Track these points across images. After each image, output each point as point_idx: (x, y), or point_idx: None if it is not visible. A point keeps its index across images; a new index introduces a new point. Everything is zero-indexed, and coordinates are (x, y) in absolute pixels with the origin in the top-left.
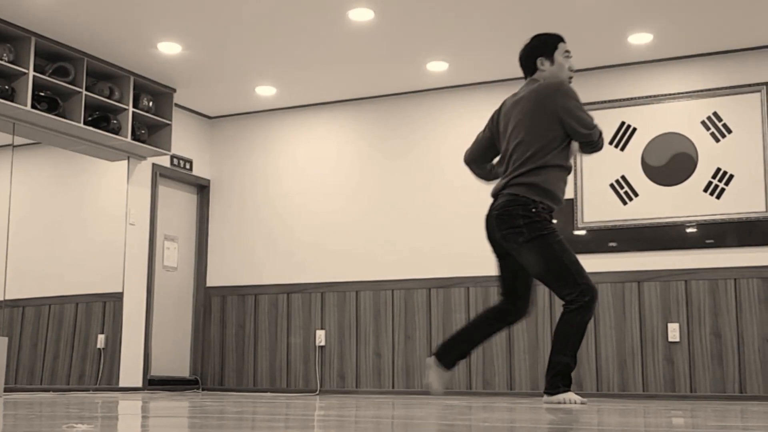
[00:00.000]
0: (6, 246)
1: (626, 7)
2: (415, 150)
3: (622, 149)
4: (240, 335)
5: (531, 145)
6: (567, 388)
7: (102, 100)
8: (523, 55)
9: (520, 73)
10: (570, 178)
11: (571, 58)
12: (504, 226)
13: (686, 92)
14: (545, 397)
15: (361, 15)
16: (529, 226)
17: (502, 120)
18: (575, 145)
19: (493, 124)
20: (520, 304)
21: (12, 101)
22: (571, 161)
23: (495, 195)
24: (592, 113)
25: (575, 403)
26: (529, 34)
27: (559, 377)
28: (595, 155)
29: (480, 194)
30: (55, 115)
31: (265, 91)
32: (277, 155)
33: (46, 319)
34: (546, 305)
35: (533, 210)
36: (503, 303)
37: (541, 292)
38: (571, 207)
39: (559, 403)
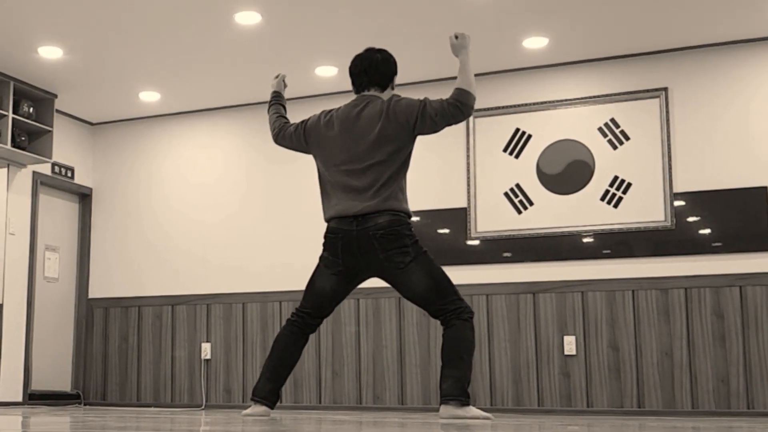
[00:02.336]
0: None
1: (521, 10)
2: (304, 157)
3: (517, 157)
4: (123, 348)
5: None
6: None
7: None
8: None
9: (416, 77)
10: (462, 186)
11: None
12: (391, 246)
13: (583, 98)
14: (451, 410)
15: (247, 18)
16: (414, 246)
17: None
18: None
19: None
20: (320, 321)
21: None
22: None
23: (361, 214)
24: (487, 119)
25: (481, 418)
26: (420, 38)
27: (466, 389)
28: None
29: None
30: None
31: (149, 97)
32: (161, 163)
33: None
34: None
35: (412, 229)
36: (309, 319)
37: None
38: (464, 216)
39: (474, 417)
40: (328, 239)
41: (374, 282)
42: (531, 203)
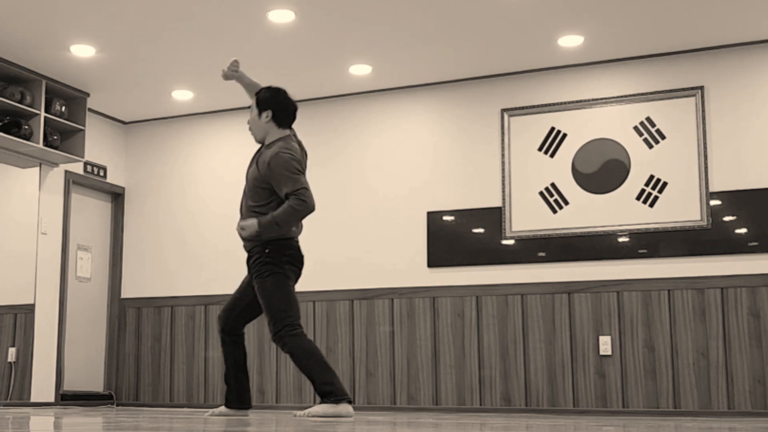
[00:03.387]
0: None
1: (556, 8)
2: (338, 157)
3: (552, 156)
4: (156, 348)
5: None
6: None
7: (13, 105)
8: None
9: (444, 77)
10: (497, 185)
11: None
12: None
13: (618, 96)
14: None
15: (281, 16)
16: None
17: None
18: None
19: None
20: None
21: None
22: None
23: None
24: (522, 118)
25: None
26: (454, 37)
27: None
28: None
29: (404, 203)
30: None
31: (182, 96)
32: (194, 162)
33: None
34: (474, 319)
35: None
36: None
37: (469, 305)
38: (499, 215)
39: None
40: (299, 255)
41: (408, 281)
42: (566, 202)
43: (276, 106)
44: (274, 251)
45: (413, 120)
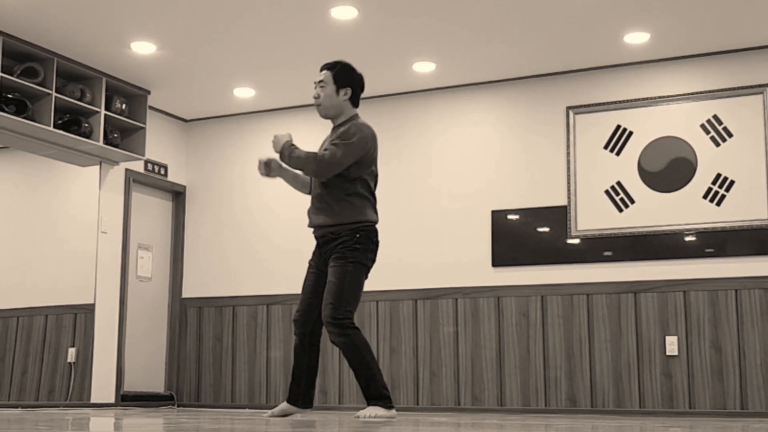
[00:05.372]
0: None
1: (622, 5)
2: (401, 155)
3: (618, 154)
4: (217, 349)
5: None
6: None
7: (73, 103)
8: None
9: (509, 74)
10: (562, 184)
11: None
12: None
13: (685, 94)
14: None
15: (344, 13)
16: None
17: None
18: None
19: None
20: None
21: None
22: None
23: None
24: (587, 116)
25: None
26: (519, 34)
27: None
28: None
29: (469, 201)
30: (24, 118)
31: (244, 93)
32: (256, 160)
33: (14, 332)
34: (539, 319)
35: None
36: None
37: (534, 304)
38: (564, 214)
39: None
40: (378, 244)
41: (473, 281)
42: (632, 201)
43: (356, 84)
44: (364, 237)
45: (477, 118)
